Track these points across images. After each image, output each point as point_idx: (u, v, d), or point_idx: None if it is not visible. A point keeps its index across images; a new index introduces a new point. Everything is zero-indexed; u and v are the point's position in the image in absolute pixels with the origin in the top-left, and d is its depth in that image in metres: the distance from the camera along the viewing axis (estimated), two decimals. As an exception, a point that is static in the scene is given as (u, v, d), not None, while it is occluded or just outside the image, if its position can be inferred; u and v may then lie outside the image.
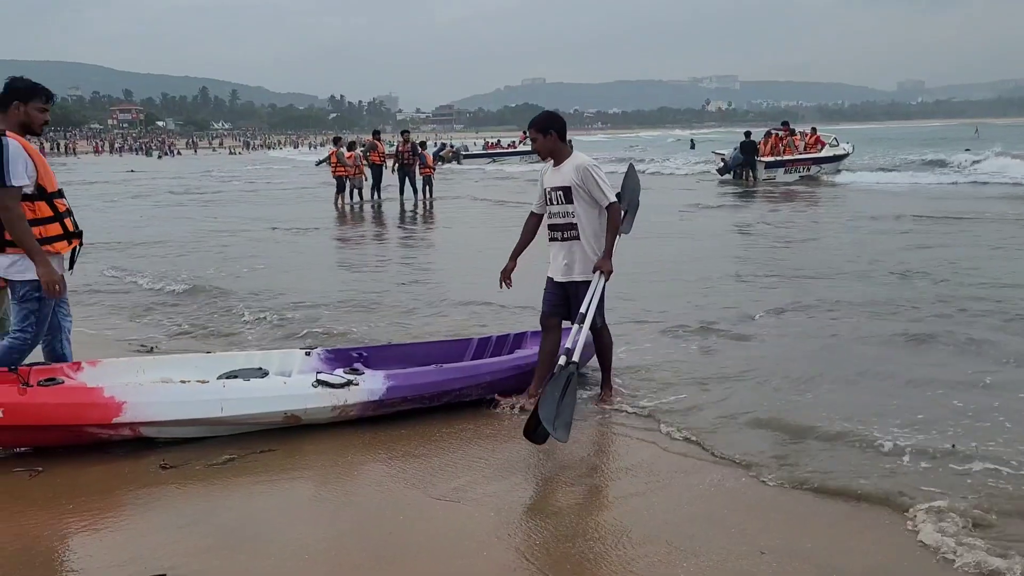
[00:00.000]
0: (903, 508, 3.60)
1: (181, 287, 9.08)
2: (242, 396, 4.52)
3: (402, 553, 3.31)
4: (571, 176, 4.90)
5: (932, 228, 13.29)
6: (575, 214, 4.92)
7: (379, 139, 22.05)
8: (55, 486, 3.91)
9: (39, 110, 4.42)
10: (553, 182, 4.99)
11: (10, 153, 4.15)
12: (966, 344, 6.18)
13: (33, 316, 4.39)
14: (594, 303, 4.85)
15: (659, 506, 3.72)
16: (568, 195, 4.91)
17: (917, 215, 14.93)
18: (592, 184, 4.86)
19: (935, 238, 12.08)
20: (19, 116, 4.35)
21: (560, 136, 4.96)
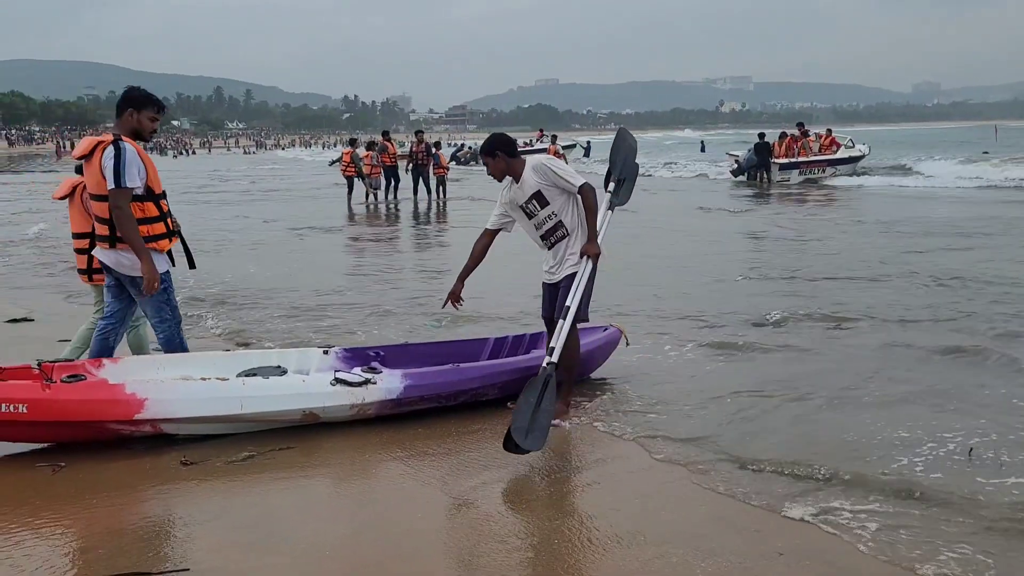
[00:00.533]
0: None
1: (214, 288, 9.13)
2: (261, 394, 4.57)
3: (419, 551, 3.34)
4: (534, 180, 4.87)
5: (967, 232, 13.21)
6: (556, 212, 4.89)
7: (389, 139, 21.92)
8: (78, 481, 3.97)
9: (150, 119, 4.73)
10: (523, 196, 4.92)
11: (127, 157, 4.51)
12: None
13: (166, 305, 4.82)
14: (579, 291, 4.80)
15: (673, 508, 3.73)
16: (541, 198, 4.88)
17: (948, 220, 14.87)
18: (554, 177, 4.83)
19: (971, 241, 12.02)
20: (132, 123, 4.68)
21: (508, 153, 4.93)
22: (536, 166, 4.89)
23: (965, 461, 4.12)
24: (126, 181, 4.50)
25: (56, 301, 8.65)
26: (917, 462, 4.13)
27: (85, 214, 5.02)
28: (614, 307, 7.46)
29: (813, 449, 4.34)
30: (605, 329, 5.79)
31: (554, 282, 5.00)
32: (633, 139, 5.49)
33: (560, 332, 4.73)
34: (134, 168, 4.53)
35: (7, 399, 4.09)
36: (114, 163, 4.48)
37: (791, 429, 4.64)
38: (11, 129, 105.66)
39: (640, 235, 12.82)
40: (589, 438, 4.66)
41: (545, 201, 4.88)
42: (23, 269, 11.01)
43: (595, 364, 5.64)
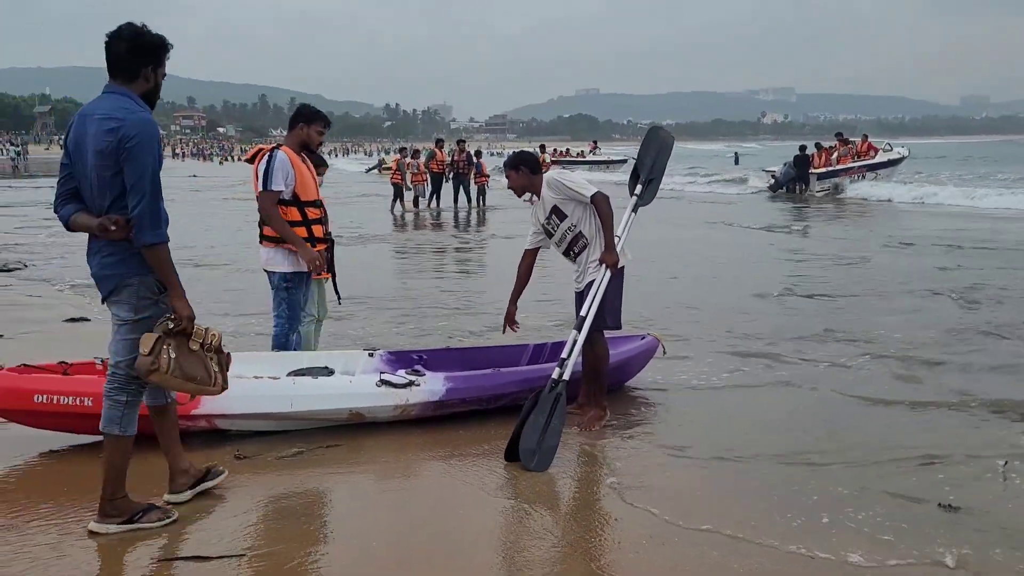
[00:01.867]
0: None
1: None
2: (310, 393, 4.76)
3: (460, 545, 3.49)
4: (550, 196, 5.00)
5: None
6: (575, 224, 5.00)
7: (441, 148, 22.44)
8: (138, 473, 4.12)
9: (318, 132, 5.24)
10: (544, 212, 5.06)
11: (275, 163, 5.04)
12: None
13: (284, 304, 5.25)
14: (596, 301, 4.87)
15: (705, 511, 3.83)
16: (559, 213, 5.00)
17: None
18: (565, 191, 4.95)
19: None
20: (302, 135, 5.21)
21: (531, 170, 5.07)
22: (549, 181, 5.02)
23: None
24: (271, 184, 5.02)
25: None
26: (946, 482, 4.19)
27: None
28: (651, 318, 7.57)
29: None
30: (643, 337, 5.90)
31: (580, 291, 5.11)
32: (670, 136, 5.48)
33: (574, 344, 4.80)
34: (279, 174, 5.02)
35: (74, 392, 4.33)
36: (264, 168, 5.03)
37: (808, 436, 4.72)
38: (63, 134, 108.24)
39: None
40: (621, 443, 4.78)
41: (563, 214, 5.00)
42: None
43: (632, 372, 5.75)
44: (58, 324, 7.74)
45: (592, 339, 4.93)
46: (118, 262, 3.33)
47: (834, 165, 26.25)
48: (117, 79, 3.34)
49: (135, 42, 3.32)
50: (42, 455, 4.42)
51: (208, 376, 3.55)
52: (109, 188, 3.25)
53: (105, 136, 3.19)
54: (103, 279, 3.39)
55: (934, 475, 4.20)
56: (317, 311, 5.74)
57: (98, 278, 3.42)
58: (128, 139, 3.17)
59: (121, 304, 3.38)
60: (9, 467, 4.25)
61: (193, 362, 3.46)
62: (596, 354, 5.02)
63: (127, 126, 3.19)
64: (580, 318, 4.87)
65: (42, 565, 3.19)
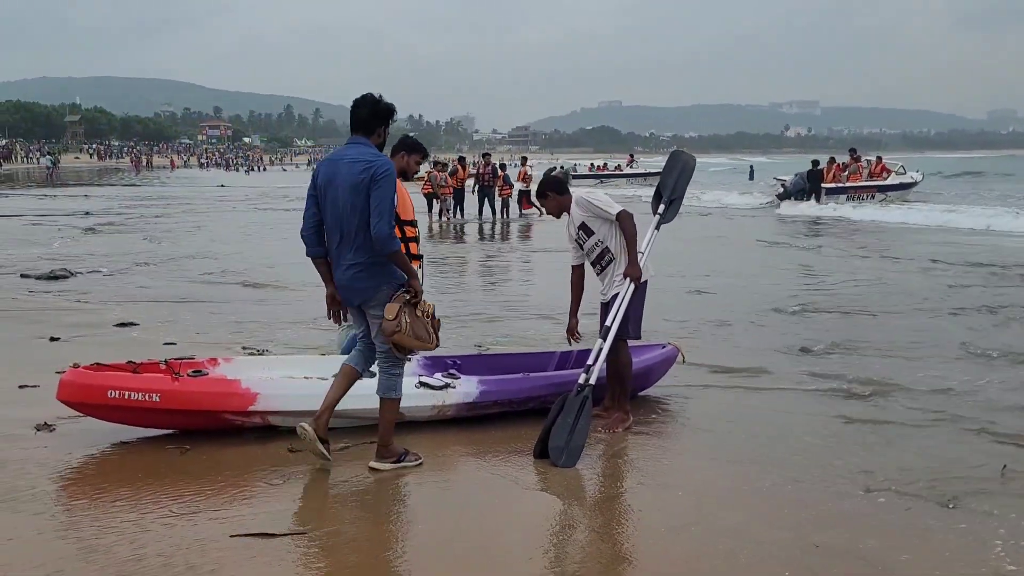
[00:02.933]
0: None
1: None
2: (356, 393, 5.12)
3: (497, 529, 3.88)
4: (578, 214, 5.42)
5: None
6: (601, 240, 5.38)
7: (463, 164, 23.43)
8: (202, 462, 4.60)
9: (416, 162, 5.47)
10: (574, 227, 5.48)
11: None
12: None
13: None
14: (620, 312, 5.24)
15: (720, 506, 4.18)
16: (587, 229, 5.40)
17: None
18: (593, 208, 5.35)
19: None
20: (402, 163, 5.38)
21: (558, 192, 5.49)
22: (578, 200, 5.44)
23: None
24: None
25: (155, 308, 9.42)
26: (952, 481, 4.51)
27: None
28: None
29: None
30: (663, 347, 6.24)
31: (605, 301, 5.47)
32: (692, 159, 5.91)
33: (599, 352, 5.18)
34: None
35: (144, 389, 4.76)
36: None
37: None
38: (92, 143, 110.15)
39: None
40: (643, 443, 5.14)
41: (590, 230, 5.40)
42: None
43: (652, 380, 6.08)
44: (109, 328, 8.19)
45: (616, 348, 5.30)
46: (368, 277, 4.37)
47: (843, 181, 26.58)
48: (359, 133, 4.42)
49: (374, 109, 4.42)
50: (114, 445, 4.84)
51: (428, 336, 4.49)
52: (360, 213, 4.25)
53: (359, 174, 4.24)
54: (356, 291, 4.42)
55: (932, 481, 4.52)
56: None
57: (350, 290, 4.44)
58: (378, 175, 4.23)
59: (376, 307, 4.39)
60: (87, 456, 4.68)
61: (420, 325, 4.43)
62: (620, 362, 5.39)
63: (377, 166, 4.26)
64: (605, 328, 5.23)
65: (128, 537, 3.60)
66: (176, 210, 25.26)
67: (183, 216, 22.92)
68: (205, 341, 7.43)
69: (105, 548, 3.49)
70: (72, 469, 4.49)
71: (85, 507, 3.97)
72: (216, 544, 3.55)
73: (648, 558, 3.62)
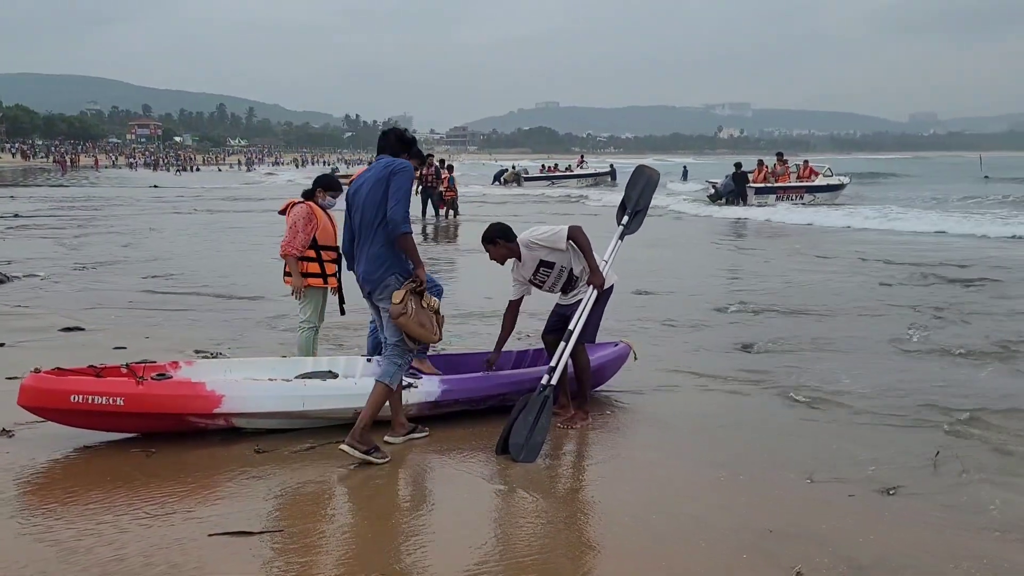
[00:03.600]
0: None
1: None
2: (319, 393, 5.25)
3: (462, 520, 4.02)
4: (530, 258, 5.52)
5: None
6: (564, 266, 5.53)
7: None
8: (169, 464, 4.64)
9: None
10: (530, 270, 5.57)
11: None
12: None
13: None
14: (583, 318, 5.42)
15: (675, 496, 4.40)
16: (547, 264, 5.52)
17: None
18: (543, 247, 5.47)
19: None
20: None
21: (507, 239, 5.51)
22: (527, 244, 5.51)
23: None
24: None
25: (99, 313, 9.30)
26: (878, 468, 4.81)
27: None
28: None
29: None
30: (615, 344, 6.45)
31: (566, 304, 5.64)
32: (656, 174, 6.15)
33: (562, 354, 5.33)
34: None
35: (108, 393, 4.77)
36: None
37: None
38: (14, 142, 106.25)
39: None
40: (600, 439, 5.34)
41: (551, 264, 5.53)
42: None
43: (606, 377, 6.28)
44: (54, 333, 8.07)
45: (575, 351, 5.49)
46: (379, 266, 4.82)
47: (771, 182, 27.42)
48: (384, 155, 4.97)
49: (401, 138, 5.11)
50: (78, 450, 4.84)
51: (432, 327, 4.83)
52: (379, 206, 4.77)
53: (382, 170, 4.83)
54: (369, 280, 4.87)
55: (872, 469, 4.81)
56: (319, 320, 6.22)
57: (364, 279, 4.90)
58: (396, 170, 4.79)
59: (384, 299, 4.81)
60: (52, 460, 4.67)
61: (425, 315, 4.79)
62: (580, 365, 5.58)
63: (395, 164, 4.84)
64: (569, 331, 5.41)
65: (107, 539, 3.65)
66: (111, 212, 24.70)
67: (118, 219, 22.43)
68: (155, 346, 7.39)
69: (85, 550, 3.53)
70: (39, 474, 4.49)
71: (58, 511, 3.99)
72: (195, 543, 3.62)
73: (612, 545, 3.80)
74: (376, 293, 4.86)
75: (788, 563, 3.58)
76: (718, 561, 3.62)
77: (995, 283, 11.35)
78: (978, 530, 3.96)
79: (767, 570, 3.54)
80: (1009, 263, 13.43)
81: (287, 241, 6.05)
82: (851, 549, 3.74)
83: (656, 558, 3.66)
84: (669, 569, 3.55)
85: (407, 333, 4.77)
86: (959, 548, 3.77)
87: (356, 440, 4.70)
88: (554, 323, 5.72)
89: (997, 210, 24.55)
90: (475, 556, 3.64)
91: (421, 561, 3.59)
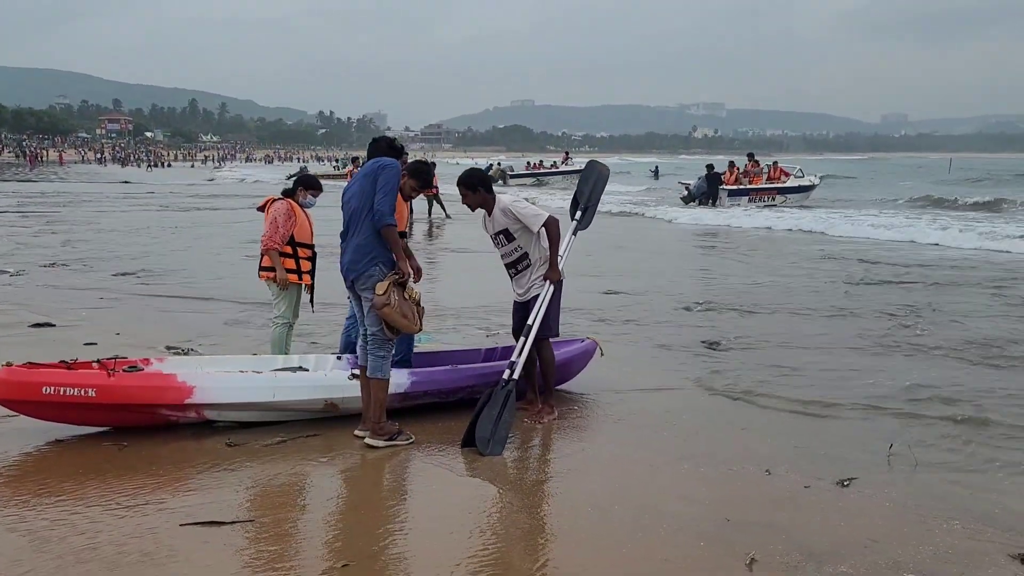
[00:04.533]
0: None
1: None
2: (290, 384, 5.33)
3: (433, 510, 4.14)
4: (502, 220, 5.61)
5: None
6: (520, 247, 5.64)
7: (356, 163, 23.30)
8: (141, 457, 4.70)
9: (411, 187, 5.55)
10: (493, 229, 5.68)
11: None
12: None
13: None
14: (541, 313, 5.53)
15: (638, 486, 4.54)
16: (508, 235, 5.63)
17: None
18: (520, 220, 5.55)
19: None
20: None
21: (487, 190, 5.62)
22: (503, 208, 5.59)
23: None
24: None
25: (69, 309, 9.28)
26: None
27: None
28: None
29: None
30: (582, 341, 6.57)
31: (523, 302, 5.74)
32: (607, 169, 6.27)
33: (522, 348, 5.45)
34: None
35: (79, 384, 4.82)
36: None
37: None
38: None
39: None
40: (565, 434, 5.46)
41: (512, 237, 5.63)
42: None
43: (572, 373, 6.39)
44: (24, 329, 8.05)
45: (540, 346, 5.61)
46: (363, 256, 4.97)
47: (744, 183, 27.64)
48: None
49: (391, 145, 5.49)
50: (50, 444, 4.90)
51: (413, 318, 5.00)
52: (367, 198, 4.96)
53: (371, 166, 5.05)
54: (352, 269, 5.02)
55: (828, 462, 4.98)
56: (293, 316, 6.29)
57: (347, 267, 5.04)
58: (384, 165, 5.02)
59: (367, 289, 4.96)
60: (24, 453, 4.73)
61: (407, 306, 4.96)
62: (545, 359, 5.70)
63: (384, 160, 5.08)
64: (527, 326, 5.52)
65: (79, 528, 3.73)
66: (82, 208, 24.49)
67: (89, 214, 22.25)
68: (126, 342, 7.40)
69: (58, 539, 3.61)
70: (11, 467, 4.55)
71: (31, 502, 4.06)
72: (167, 532, 3.71)
73: (575, 532, 3.94)
74: (359, 282, 5.00)
75: (744, 550, 3.72)
76: (676, 549, 3.76)
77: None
78: (930, 518, 4.12)
79: (723, 557, 3.68)
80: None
81: (268, 235, 6.11)
82: (805, 537, 3.89)
83: (616, 545, 3.79)
84: (628, 556, 3.68)
85: (389, 323, 4.91)
86: (911, 536, 3.92)
87: (375, 435, 5.00)
88: (518, 322, 5.78)
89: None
90: (442, 546, 3.74)
91: (389, 549, 3.70)
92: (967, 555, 3.75)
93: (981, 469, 4.85)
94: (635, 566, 3.60)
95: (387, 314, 4.86)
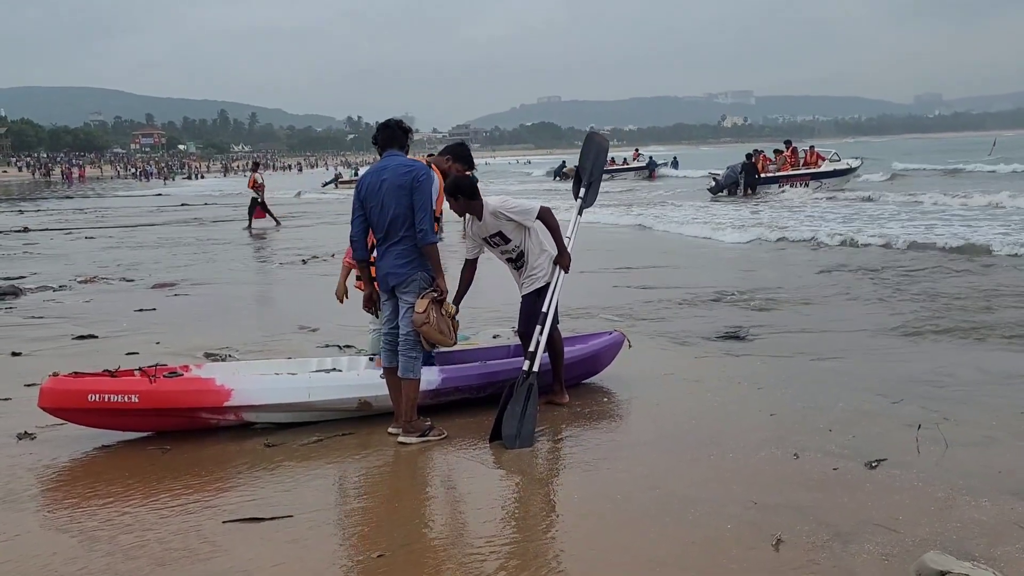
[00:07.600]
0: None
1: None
2: (325, 384, 5.48)
3: (466, 501, 4.27)
4: (494, 224, 5.60)
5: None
6: (517, 245, 5.67)
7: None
8: (183, 460, 4.88)
9: (458, 171, 5.69)
10: (484, 232, 5.65)
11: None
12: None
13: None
14: (555, 300, 5.57)
15: (661, 476, 4.61)
16: (503, 236, 5.64)
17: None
18: (511, 218, 5.56)
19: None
20: (444, 166, 5.68)
21: (468, 196, 5.52)
22: (492, 211, 5.57)
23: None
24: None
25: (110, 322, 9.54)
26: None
27: None
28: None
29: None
30: (610, 334, 6.63)
31: (528, 294, 5.75)
32: (606, 141, 6.23)
33: (539, 338, 5.44)
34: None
35: (122, 391, 5.02)
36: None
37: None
38: (20, 156, 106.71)
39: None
40: (592, 426, 5.54)
41: (507, 238, 5.66)
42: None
43: (602, 366, 6.45)
44: (69, 341, 8.31)
45: (549, 334, 5.60)
46: (407, 264, 5.03)
47: (773, 172, 27.33)
48: (392, 147, 5.17)
49: (401, 128, 5.29)
50: (97, 449, 5.09)
51: (449, 333, 5.13)
52: (405, 210, 4.97)
53: (403, 176, 5.00)
54: (395, 275, 5.06)
55: (867, 448, 5.00)
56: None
57: (391, 274, 5.07)
58: (419, 178, 4.99)
59: (408, 292, 5.03)
60: (73, 459, 4.93)
61: (444, 322, 5.08)
62: (553, 338, 5.66)
63: (417, 171, 5.03)
64: (543, 314, 5.53)
65: (127, 528, 3.91)
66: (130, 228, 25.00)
67: (128, 232, 22.72)
68: (167, 351, 7.61)
69: (108, 538, 3.79)
70: (61, 472, 4.75)
71: (81, 504, 4.25)
72: (210, 530, 3.87)
73: (602, 518, 4.02)
74: (402, 286, 5.06)
75: (771, 532, 3.77)
76: (703, 532, 3.83)
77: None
78: (958, 496, 4.14)
79: (750, 539, 3.74)
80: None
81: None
82: (832, 517, 3.94)
83: (644, 530, 3.87)
84: (656, 540, 3.76)
85: (427, 339, 5.04)
86: (938, 513, 3.95)
87: (407, 432, 5.12)
88: (527, 316, 5.71)
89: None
90: (474, 534, 3.86)
91: (422, 539, 3.82)
92: (994, 530, 3.77)
93: (1014, 447, 4.84)
94: (660, 549, 3.68)
95: (426, 332, 4.98)
